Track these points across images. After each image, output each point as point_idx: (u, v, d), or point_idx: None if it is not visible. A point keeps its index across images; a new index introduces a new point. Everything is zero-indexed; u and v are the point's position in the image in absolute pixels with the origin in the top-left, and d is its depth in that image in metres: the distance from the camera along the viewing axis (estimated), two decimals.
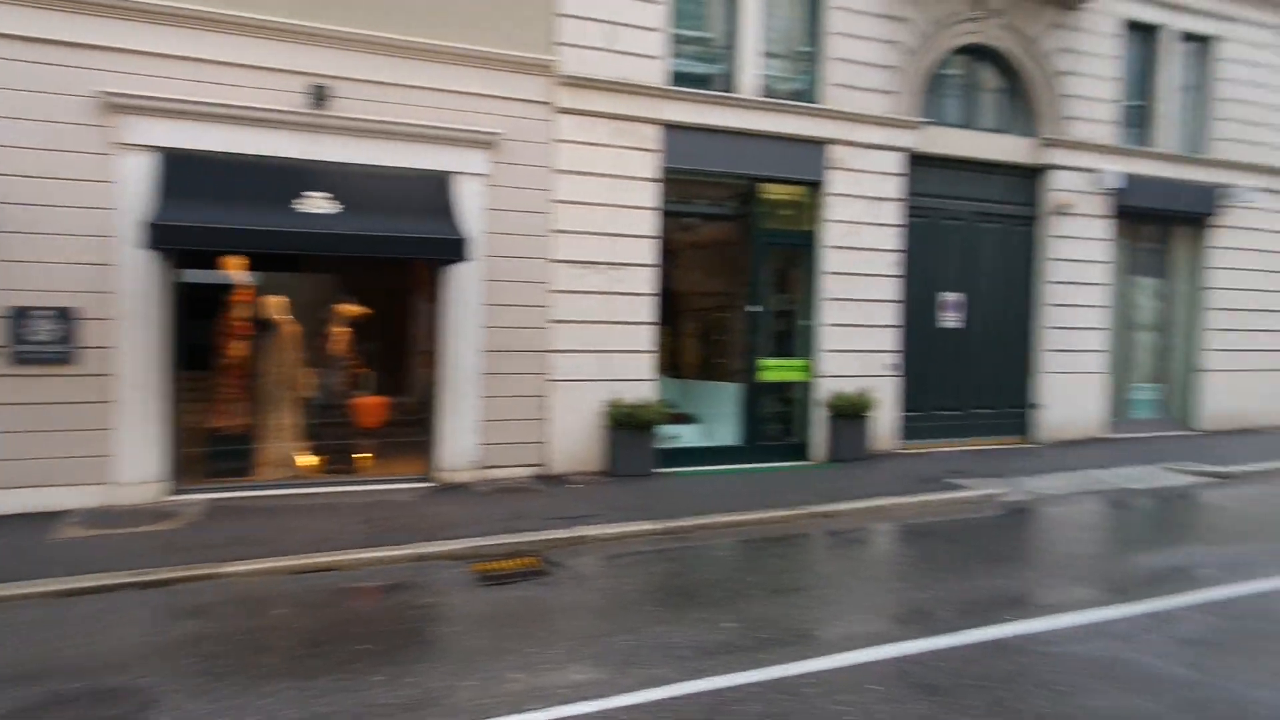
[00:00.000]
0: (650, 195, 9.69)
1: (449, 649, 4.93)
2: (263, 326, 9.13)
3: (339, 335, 9.80)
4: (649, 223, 9.69)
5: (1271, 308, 14.02)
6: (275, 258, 9.30)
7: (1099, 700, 4.13)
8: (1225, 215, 13.53)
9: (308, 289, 10.03)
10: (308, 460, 9.14)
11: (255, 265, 9.43)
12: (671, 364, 10.74)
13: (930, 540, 7.49)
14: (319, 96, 8.14)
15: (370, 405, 9.55)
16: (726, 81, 10.23)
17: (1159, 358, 13.68)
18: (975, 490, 9.10)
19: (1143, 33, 13.04)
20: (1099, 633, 5.06)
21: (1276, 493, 9.62)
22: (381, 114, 8.43)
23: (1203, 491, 9.64)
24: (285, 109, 8.08)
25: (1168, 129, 13.23)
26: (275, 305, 9.24)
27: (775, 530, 7.62)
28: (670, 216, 10.00)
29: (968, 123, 11.90)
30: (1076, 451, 11.50)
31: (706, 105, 9.90)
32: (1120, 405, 13.23)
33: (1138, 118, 13.19)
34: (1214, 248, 13.61)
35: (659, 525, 7.41)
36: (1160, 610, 5.46)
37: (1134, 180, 12.58)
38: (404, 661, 4.57)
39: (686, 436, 10.39)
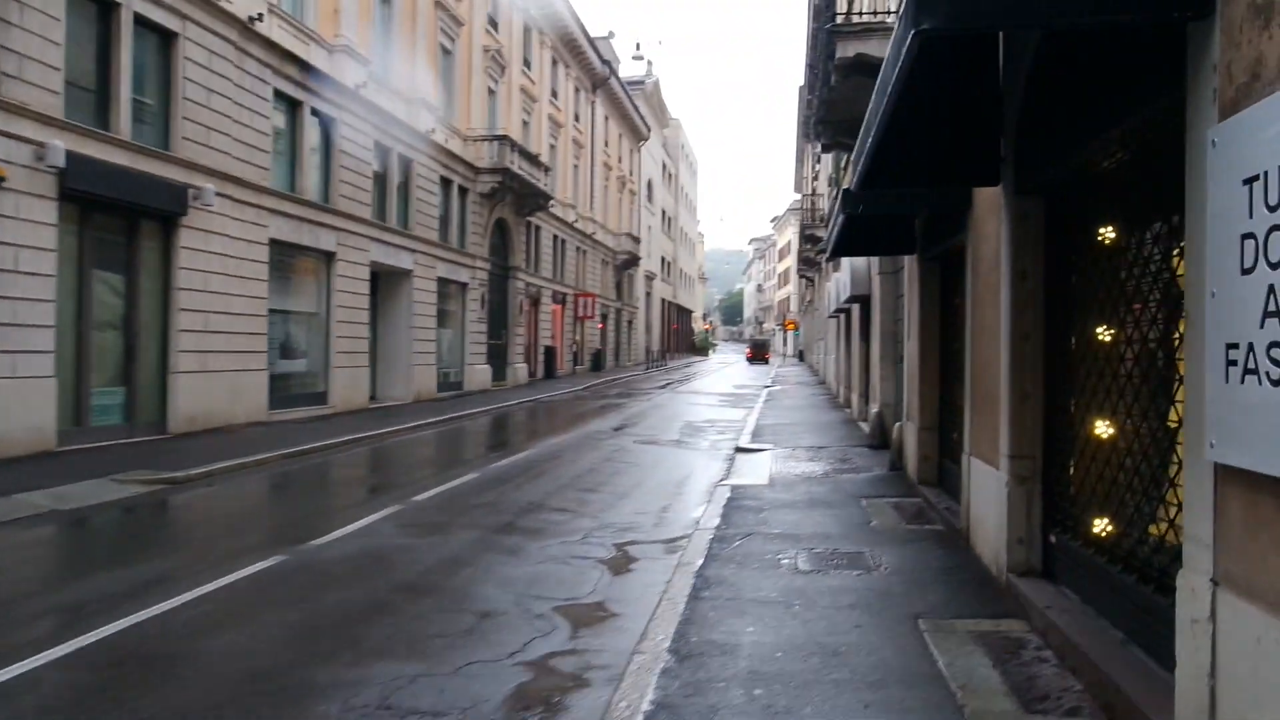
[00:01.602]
0: None
1: None
2: None
3: None
4: None
5: (236, 310, 14.59)
6: None
7: None
8: (194, 216, 13.46)
9: None
10: None
11: None
12: None
13: None
14: None
15: None
16: None
17: (125, 359, 12.76)
18: None
19: (100, 6, 11.93)
20: None
21: (226, 493, 9.67)
22: None
23: (150, 501, 9.02)
24: None
25: (133, 118, 12.43)
26: None
27: None
28: None
29: None
30: (13, 472, 9.67)
31: None
32: (79, 412, 11.85)
33: (98, 98, 12.02)
34: (185, 248, 13.40)
35: None
36: (8, 680, 4.31)
37: (90, 164, 11.36)
38: None
39: None
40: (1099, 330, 4.77)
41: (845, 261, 16.81)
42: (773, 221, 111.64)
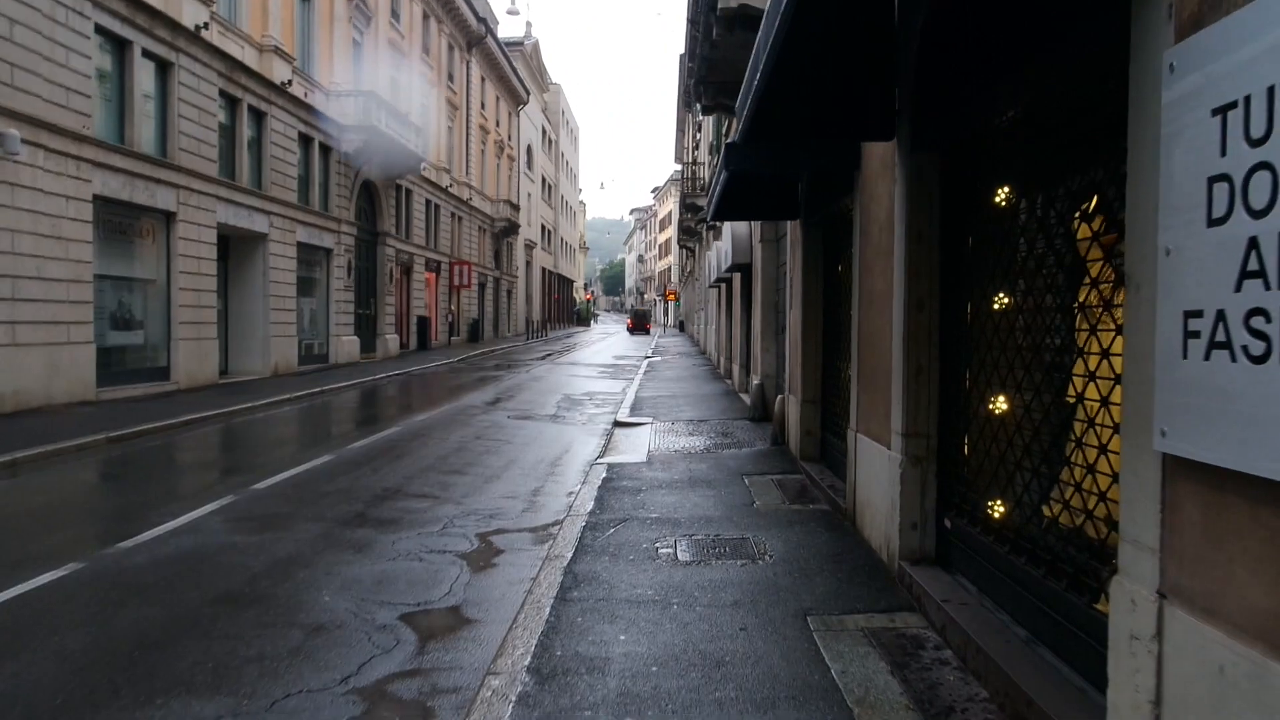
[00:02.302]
0: None
1: None
2: None
3: None
4: None
5: (52, 275, 12.90)
6: None
7: None
8: None
9: None
10: None
11: None
12: None
13: None
14: None
15: None
16: None
17: None
18: None
19: None
20: None
21: (28, 486, 8.39)
22: None
23: None
24: None
25: None
26: None
27: None
28: None
29: None
30: None
31: None
32: None
33: None
34: None
35: None
36: None
37: None
38: None
39: None
40: (999, 298, 4.38)
41: (726, 230, 16.44)
42: (653, 192, 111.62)
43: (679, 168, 50.89)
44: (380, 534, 6.68)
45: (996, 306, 4.42)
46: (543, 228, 62.37)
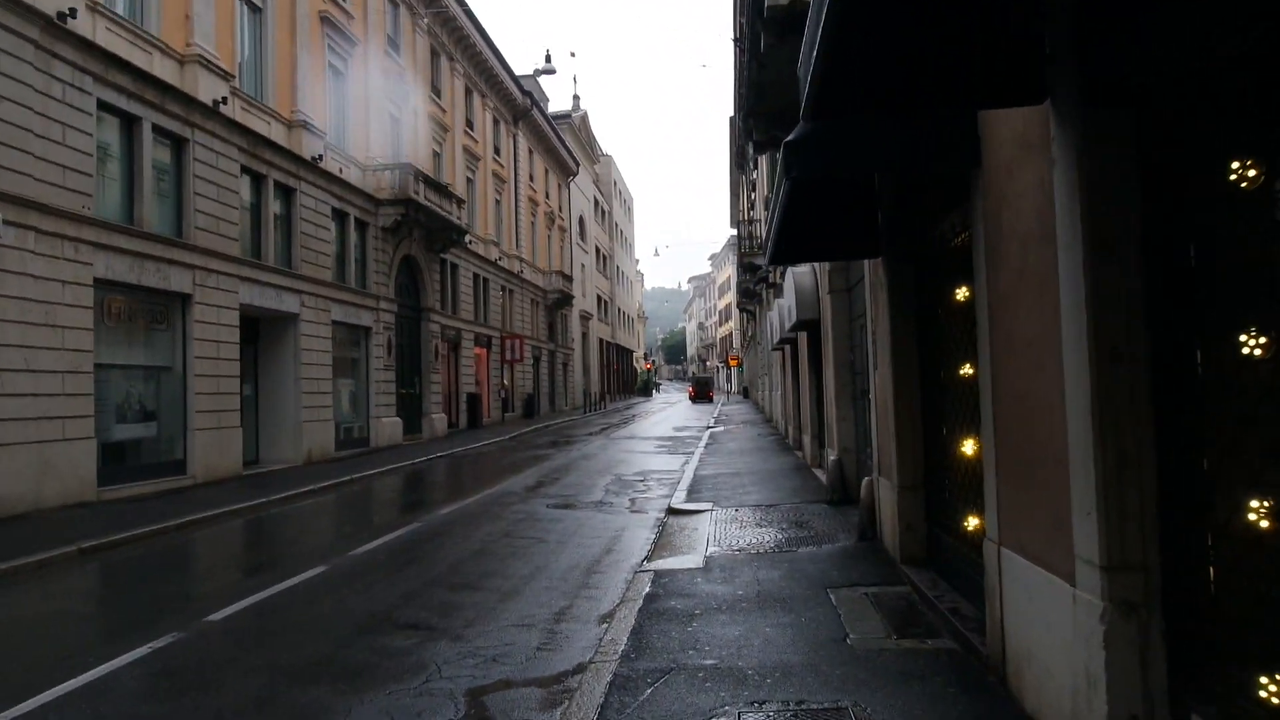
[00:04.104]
0: None
1: None
2: None
3: None
4: None
5: (44, 367, 11.72)
6: None
7: None
8: None
9: None
10: None
11: None
12: None
13: None
14: None
15: None
16: None
17: None
18: None
19: None
20: None
21: None
22: None
23: None
24: None
25: None
26: None
27: None
28: None
29: None
30: None
31: None
32: None
33: None
34: None
35: None
36: None
37: None
38: None
39: None
40: (1258, 338, 2.51)
41: (789, 286, 14.68)
42: (711, 259, 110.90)
43: (734, 232, 49.59)
44: (336, 695, 4.90)
45: (1255, 349, 2.55)
46: (598, 298, 61.41)
